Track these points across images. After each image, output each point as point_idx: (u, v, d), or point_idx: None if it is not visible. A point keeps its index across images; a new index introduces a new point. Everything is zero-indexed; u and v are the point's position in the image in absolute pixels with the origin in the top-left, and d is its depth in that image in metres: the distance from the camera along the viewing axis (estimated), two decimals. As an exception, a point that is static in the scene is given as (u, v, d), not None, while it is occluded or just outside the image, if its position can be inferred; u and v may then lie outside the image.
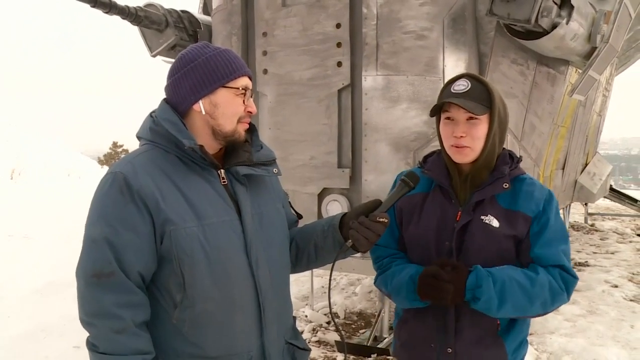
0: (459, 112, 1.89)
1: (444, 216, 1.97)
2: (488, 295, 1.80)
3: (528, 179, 1.99)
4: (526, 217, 1.91)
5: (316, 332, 5.36)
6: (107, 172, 1.69)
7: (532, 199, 1.93)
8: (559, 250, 1.91)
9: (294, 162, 4.22)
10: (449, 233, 1.95)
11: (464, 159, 1.93)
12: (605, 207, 13.73)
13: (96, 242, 1.58)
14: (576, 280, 1.93)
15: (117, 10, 4.42)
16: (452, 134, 1.91)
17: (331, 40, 4.05)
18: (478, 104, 1.87)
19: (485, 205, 1.93)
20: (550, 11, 3.74)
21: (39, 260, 7.44)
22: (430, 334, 2.00)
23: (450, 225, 1.95)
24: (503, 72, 4.25)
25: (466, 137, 1.89)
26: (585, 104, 6.95)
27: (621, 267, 7.88)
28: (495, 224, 1.91)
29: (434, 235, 1.98)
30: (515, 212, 1.92)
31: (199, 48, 1.77)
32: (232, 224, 1.71)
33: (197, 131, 1.74)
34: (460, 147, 1.90)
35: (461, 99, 1.87)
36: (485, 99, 1.89)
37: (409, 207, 2.06)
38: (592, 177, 8.61)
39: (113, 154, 40.07)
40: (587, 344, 4.92)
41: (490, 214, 1.92)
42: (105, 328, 1.56)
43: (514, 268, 1.88)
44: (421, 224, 2.02)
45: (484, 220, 1.91)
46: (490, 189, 1.93)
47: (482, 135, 1.90)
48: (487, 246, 1.91)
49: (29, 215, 10.09)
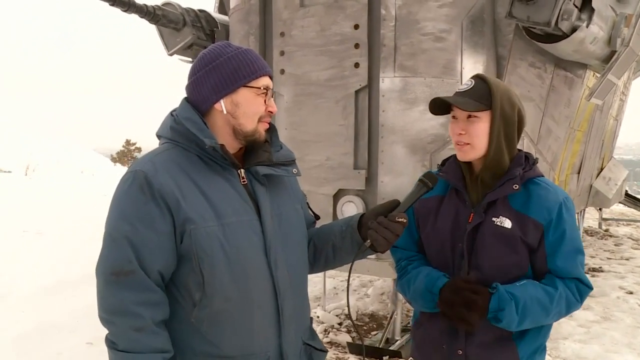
0: (458, 110, 1.94)
1: (457, 218, 1.99)
2: (510, 318, 1.83)
3: (543, 183, 1.96)
4: (537, 223, 1.89)
5: (328, 333, 5.35)
6: (127, 170, 1.70)
7: (544, 204, 1.91)
8: (577, 262, 1.93)
9: (309, 163, 4.21)
10: (461, 235, 1.96)
11: (465, 156, 1.95)
12: (620, 212, 13.61)
13: (116, 241, 1.59)
14: (590, 290, 1.96)
15: (135, 8, 4.44)
16: (454, 132, 1.97)
17: (349, 41, 4.04)
18: (473, 101, 1.89)
19: (498, 206, 1.93)
20: (570, 14, 3.71)
21: (52, 257, 7.48)
22: (442, 336, 2.00)
23: (463, 227, 1.96)
24: (521, 75, 4.22)
25: (465, 134, 1.92)
26: (602, 108, 6.89)
27: (636, 274, 7.80)
28: (507, 225, 1.90)
29: (448, 237, 1.99)
30: (526, 216, 1.91)
31: (220, 47, 1.76)
32: (252, 223, 1.70)
33: (217, 130, 1.73)
34: (461, 144, 1.94)
35: (457, 97, 1.92)
36: (484, 97, 1.90)
37: (425, 210, 2.07)
38: (607, 182, 8.54)
39: (126, 151, 40.30)
40: (602, 350, 4.88)
41: (502, 215, 1.91)
42: (124, 326, 1.56)
43: (535, 284, 1.89)
44: (437, 226, 2.03)
45: (495, 222, 1.91)
46: (500, 190, 1.92)
47: (481, 133, 1.90)
48: (497, 248, 1.91)
49: (43, 211, 10.15)
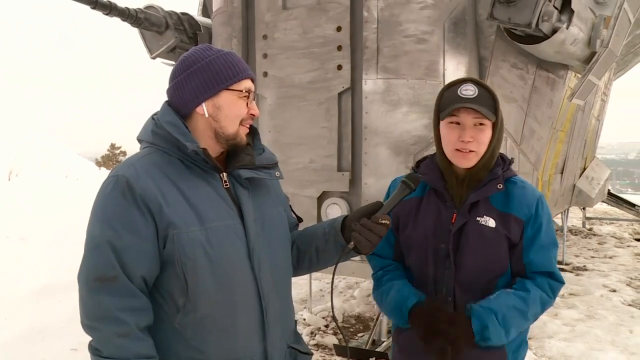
0: (468, 117, 1.90)
1: (439, 218, 2.00)
2: (496, 333, 1.86)
3: (519, 182, 2.02)
4: (518, 220, 1.94)
5: (314, 336, 5.35)
6: (109, 175, 1.68)
7: (524, 201, 1.96)
8: (551, 256, 1.97)
9: (293, 165, 4.21)
10: (445, 235, 1.97)
11: (468, 163, 1.94)
12: (603, 211, 13.74)
13: (99, 246, 1.57)
14: (562, 284, 2.00)
15: (117, 12, 4.41)
16: (457, 138, 1.92)
17: (331, 43, 4.05)
18: (489, 110, 1.89)
19: (480, 206, 1.96)
20: (550, 16, 3.74)
21: (36, 262, 7.40)
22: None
23: (445, 228, 1.97)
24: (503, 76, 4.25)
25: (473, 142, 1.90)
26: (584, 109, 6.96)
27: (619, 272, 7.88)
28: (491, 224, 1.93)
29: (430, 238, 2.00)
30: (507, 214, 1.94)
31: (201, 50, 1.76)
32: (235, 227, 1.70)
33: (199, 134, 1.73)
34: (466, 151, 1.91)
35: (475, 104, 1.88)
36: (491, 105, 1.91)
37: (404, 212, 2.07)
38: (590, 182, 8.62)
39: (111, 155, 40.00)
40: (586, 348, 4.92)
41: (486, 215, 1.94)
42: (108, 332, 1.55)
43: (507, 293, 1.92)
44: (417, 227, 2.04)
45: (479, 221, 1.94)
46: (485, 190, 1.95)
47: (487, 140, 1.92)
48: (482, 247, 1.93)
49: (26, 216, 10.04)
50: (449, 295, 1.97)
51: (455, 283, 1.96)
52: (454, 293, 1.96)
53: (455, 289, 1.96)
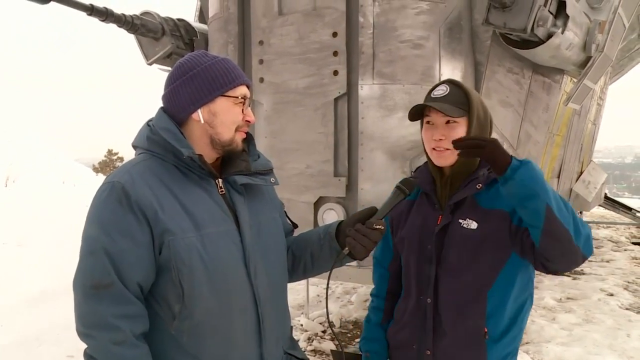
0: (437, 116, 1.94)
1: (426, 220, 2.02)
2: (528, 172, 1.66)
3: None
4: (502, 212, 1.89)
5: (312, 341, 5.34)
6: (104, 181, 1.68)
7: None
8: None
9: (290, 171, 4.21)
10: (430, 237, 1.99)
11: (445, 161, 1.96)
12: (600, 215, 13.76)
13: (94, 253, 1.57)
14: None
15: (113, 18, 4.42)
16: (432, 137, 1.96)
17: (327, 49, 4.05)
18: (455, 107, 1.90)
19: (466, 207, 1.95)
20: (545, 21, 3.76)
21: (33, 269, 7.40)
22: (412, 336, 2.03)
23: (431, 229, 1.99)
24: (499, 81, 4.26)
25: (445, 139, 1.92)
26: (580, 113, 6.97)
27: (616, 276, 7.89)
28: (473, 226, 1.92)
29: (417, 239, 2.02)
30: (492, 210, 1.92)
31: (197, 57, 1.76)
32: (231, 233, 1.70)
33: (195, 140, 1.73)
34: (440, 149, 1.94)
35: (438, 102, 1.91)
36: (462, 102, 1.92)
37: (397, 214, 2.12)
38: (587, 186, 8.63)
39: (108, 161, 39.98)
40: (584, 352, 4.92)
41: (469, 217, 1.93)
42: (104, 340, 1.54)
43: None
44: (406, 229, 2.07)
45: (461, 223, 1.94)
46: (464, 190, 1.95)
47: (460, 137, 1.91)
48: (464, 250, 1.93)
49: (23, 223, 10.03)
50: (429, 296, 1.97)
51: (437, 285, 1.96)
52: (436, 294, 1.97)
53: (439, 289, 1.96)
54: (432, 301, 1.97)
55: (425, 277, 2.00)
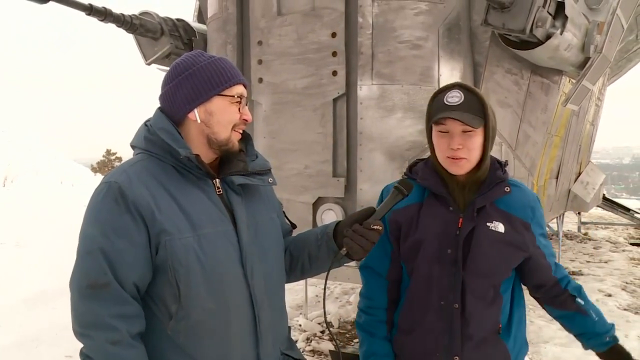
0: (455, 125, 1.88)
1: (443, 224, 1.96)
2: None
3: (516, 183, 2.02)
4: (524, 222, 1.94)
5: (310, 342, 5.34)
6: (101, 181, 1.68)
7: (526, 203, 1.97)
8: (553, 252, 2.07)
9: (288, 171, 4.20)
10: (451, 241, 1.93)
11: (460, 170, 1.92)
12: (598, 216, 13.77)
13: (91, 253, 1.56)
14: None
15: (112, 18, 4.41)
16: (447, 147, 1.90)
17: (326, 49, 4.05)
18: (474, 116, 1.86)
19: (488, 210, 1.93)
20: (544, 21, 3.76)
21: (31, 269, 7.39)
22: (436, 344, 1.97)
23: (451, 233, 1.94)
24: (497, 82, 4.26)
25: (463, 149, 1.88)
26: (579, 114, 6.98)
27: (614, 276, 7.89)
28: (501, 229, 1.91)
29: (434, 244, 1.95)
30: (513, 216, 1.93)
31: (193, 56, 1.76)
32: (228, 234, 1.70)
33: (192, 140, 1.73)
34: (457, 158, 1.89)
35: (457, 112, 1.85)
36: (479, 110, 1.88)
37: (406, 220, 2.02)
38: (585, 186, 8.63)
39: (106, 161, 39.97)
40: (582, 353, 4.88)
41: (495, 220, 1.92)
42: (100, 339, 1.54)
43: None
44: (419, 233, 1.99)
45: (490, 227, 1.91)
46: (491, 194, 1.93)
47: (477, 146, 1.90)
48: (494, 253, 1.91)
49: (21, 223, 10.03)
50: (455, 301, 1.93)
51: (465, 289, 1.92)
52: (463, 299, 1.93)
53: (466, 295, 1.92)
54: (459, 306, 1.93)
55: (447, 282, 1.94)
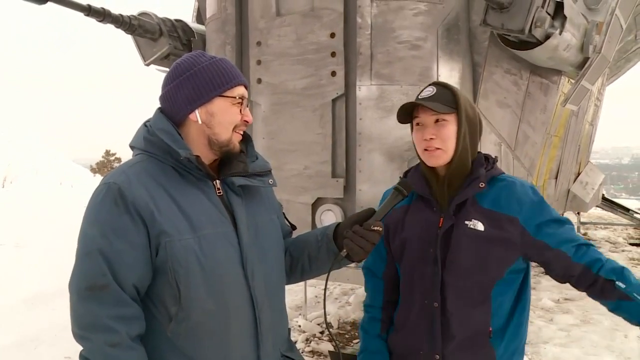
0: (426, 115, 1.93)
1: (426, 224, 1.98)
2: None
3: (508, 179, 1.99)
4: (511, 218, 1.90)
5: (310, 342, 5.34)
6: (100, 182, 1.67)
7: (513, 197, 1.92)
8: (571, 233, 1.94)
9: (287, 172, 4.20)
10: (433, 240, 1.95)
11: (437, 161, 1.94)
12: (597, 216, 13.76)
13: (90, 254, 1.56)
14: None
15: (111, 18, 4.41)
16: (422, 138, 1.94)
17: (325, 49, 4.05)
18: (443, 105, 1.90)
19: (468, 208, 1.93)
20: (543, 22, 3.76)
21: (31, 269, 7.38)
22: (419, 342, 1.99)
23: (433, 232, 1.96)
24: (496, 82, 4.27)
25: (436, 139, 1.91)
26: (578, 114, 6.98)
27: (614, 276, 7.87)
28: (479, 227, 1.90)
29: (417, 244, 1.99)
30: (498, 213, 1.91)
31: (194, 57, 1.75)
32: (228, 235, 1.69)
33: (192, 141, 1.73)
34: (431, 149, 1.92)
35: (428, 102, 1.90)
36: (450, 100, 1.92)
37: (393, 221, 2.07)
38: (584, 187, 8.63)
39: (105, 162, 39.95)
40: (582, 353, 4.92)
41: (475, 218, 1.91)
42: (99, 342, 1.53)
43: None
44: (404, 234, 2.03)
45: (468, 225, 1.91)
46: (467, 190, 1.93)
47: (451, 135, 1.92)
48: (472, 251, 1.90)
49: (20, 223, 10.01)
50: (435, 300, 1.94)
51: (444, 288, 1.93)
52: (443, 298, 1.94)
53: (446, 293, 1.93)
54: (439, 305, 1.94)
55: (429, 281, 1.96)
